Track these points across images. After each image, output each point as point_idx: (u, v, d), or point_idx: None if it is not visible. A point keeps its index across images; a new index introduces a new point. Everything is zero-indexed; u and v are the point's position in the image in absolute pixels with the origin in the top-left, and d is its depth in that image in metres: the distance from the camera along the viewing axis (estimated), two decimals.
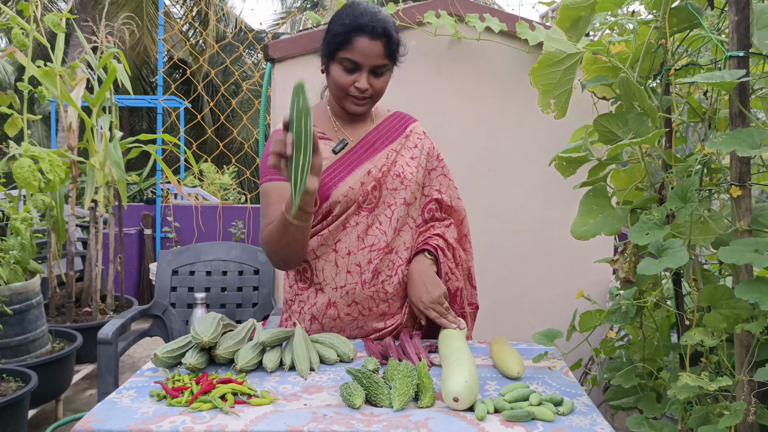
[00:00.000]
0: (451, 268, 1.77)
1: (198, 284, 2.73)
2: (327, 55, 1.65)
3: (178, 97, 6.89)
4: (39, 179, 2.99)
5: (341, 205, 1.66)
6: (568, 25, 1.44)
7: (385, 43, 1.60)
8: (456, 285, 1.78)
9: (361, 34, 1.57)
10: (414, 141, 1.81)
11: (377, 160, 1.72)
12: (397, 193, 1.72)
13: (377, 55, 1.60)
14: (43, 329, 3.11)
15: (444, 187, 1.84)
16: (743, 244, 1.06)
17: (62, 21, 3.55)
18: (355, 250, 1.67)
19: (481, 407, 1.19)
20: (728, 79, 1.02)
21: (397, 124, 1.82)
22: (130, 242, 5.88)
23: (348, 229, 1.67)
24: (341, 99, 1.68)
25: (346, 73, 1.62)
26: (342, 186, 1.66)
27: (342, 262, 1.67)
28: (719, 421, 1.08)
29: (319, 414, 1.18)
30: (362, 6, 1.62)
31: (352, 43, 1.58)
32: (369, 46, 1.58)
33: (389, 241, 1.69)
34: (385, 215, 1.70)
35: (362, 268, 1.67)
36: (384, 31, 1.59)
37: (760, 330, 1.07)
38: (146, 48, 12.45)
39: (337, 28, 1.60)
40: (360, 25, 1.57)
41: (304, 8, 16.86)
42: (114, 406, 1.20)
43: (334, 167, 1.68)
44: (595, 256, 2.68)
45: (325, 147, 1.69)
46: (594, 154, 1.41)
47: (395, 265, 1.71)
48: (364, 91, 1.64)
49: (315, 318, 1.71)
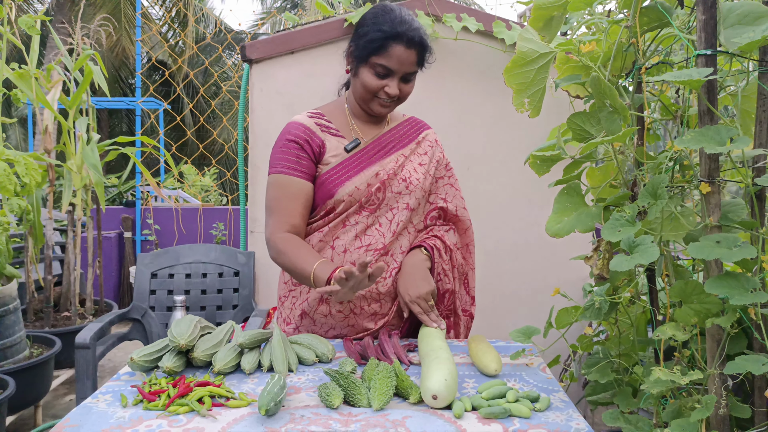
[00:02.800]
0: (445, 269, 1.77)
1: (177, 287, 2.71)
2: (358, 58, 1.65)
3: (157, 99, 6.84)
4: (14, 183, 2.95)
5: (344, 203, 1.67)
6: (541, 24, 1.45)
7: (418, 52, 1.63)
8: (447, 287, 1.78)
9: (398, 42, 1.59)
10: (425, 148, 1.82)
11: (386, 163, 1.72)
12: (401, 198, 1.73)
13: (411, 63, 1.63)
14: (21, 335, 3.07)
15: (450, 196, 1.85)
16: (712, 240, 1.07)
17: (37, 23, 3.51)
18: (352, 249, 1.68)
19: (458, 405, 1.19)
20: (696, 77, 1.04)
21: (411, 130, 1.83)
22: (109, 245, 5.83)
23: (347, 227, 1.69)
24: (368, 101, 1.69)
25: (377, 77, 1.64)
26: (348, 185, 1.67)
27: (337, 260, 1.68)
28: (692, 414, 1.09)
29: (296, 415, 1.18)
30: (398, 12, 1.63)
31: (389, 51, 1.59)
32: (405, 55, 1.61)
33: (387, 243, 1.70)
34: (386, 218, 1.71)
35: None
36: (420, 40, 1.62)
37: (730, 324, 1.08)
38: (125, 49, 12.33)
39: (374, 34, 1.60)
40: (398, 33, 1.58)
41: (284, 9, 16.80)
42: (89, 411, 1.19)
43: (342, 165, 1.69)
44: (574, 252, 2.69)
45: (337, 144, 1.71)
46: (567, 153, 1.43)
47: (390, 267, 1.71)
48: (392, 96, 1.66)
49: (306, 313, 1.72)
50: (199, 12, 13.35)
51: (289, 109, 2.96)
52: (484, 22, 2.83)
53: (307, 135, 1.69)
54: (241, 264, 2.78)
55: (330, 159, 1.69)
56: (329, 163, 1.69)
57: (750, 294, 1.02)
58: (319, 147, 1.69)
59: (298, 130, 1.69)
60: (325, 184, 1.68)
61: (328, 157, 1.69)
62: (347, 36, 2.90)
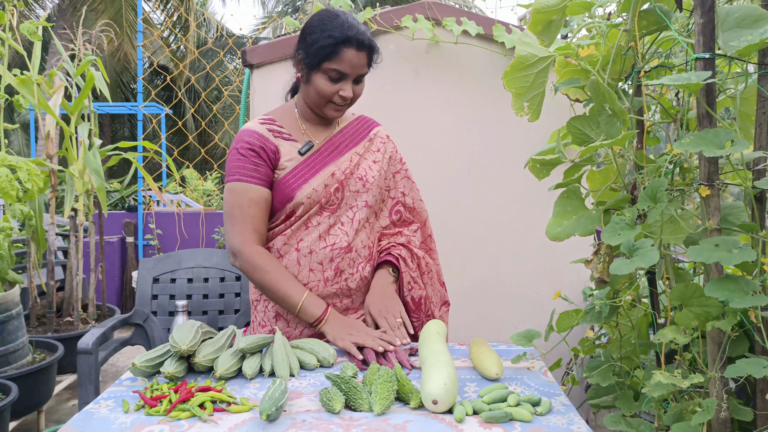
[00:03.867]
0: (414, 277, 1.81)
1: (179, 292, 2.71)
2: (309, 65, 1.67)
3: (159, 104, 6.86)
4: (17, 188, 2.96)
5: (304, 206, 1.70)
6: (540, 28, 1.45)
7: (368, 53, 1.68)
8: (419, 293, 1.82)
9: (349, 46, 1.63)
10: (377, 145, 1.86)
11: (341, 162, 1.76)
12: (359, 196, 1.77)
13: (362, 65, 1.68)
14: (24, 340, 3.07)
15: (407, 189, 1.90)
16: (712, 243, 1.07)
17: (38, 29, 3.52)
18: (317, 249, 1.71)
19: (459, 409, 1.19)
20: (694, 81, 1.04)
21: (361, 128, 1.87)
22: (112, 250, 5.83)
23: (310, 228, 1.72)
24: (321, 106, 1.72)
25: (331, 82, 1.67)
26: (306, 188, 1.70)
27: (304, 261, 1.71)
28: (693, 417, 1.09)
29: (298, 420, 1.18)
30: (344, 17, 1.67)
31: (341, 55, 1.63)
32: (357, 58, 1.65)
33: (350, 241, 1.74)
34: (347, 216, 1.75)
35: (324, 266, 1.71)
36: (369, 42, 1.67)
37: (731, 327, 1.08)
38: (126, 54, 12.36)
39: (324, 41, 1.63)
40: (349, 37, 1.62)
41: (285, 13, 16.83)
42: (91, 417, 1.20)
43: (298, 168, 1.72)
44: (575, 255, 2.70)
45: (291, 148, 1.74)
46: (567, 156, 1.43)
47: (356, 263, 1.76)
48: (347, 99, 1.70)
49: (280, 315, 1.75)
50: (201, 17, 13.39)
51: None
52: (484, 26, 2.83)
53: (261, 141, 1.71)
54: None
55: (285, 163, 1.72)
56: (285, 167, 1.72)
57: (750, 297, 1.02)
58: (273, 152, 1.72)
59: (251, 137, 1.72)
60: (283, 188, 1.70)
61: (283, 161, 1.72)
62: None
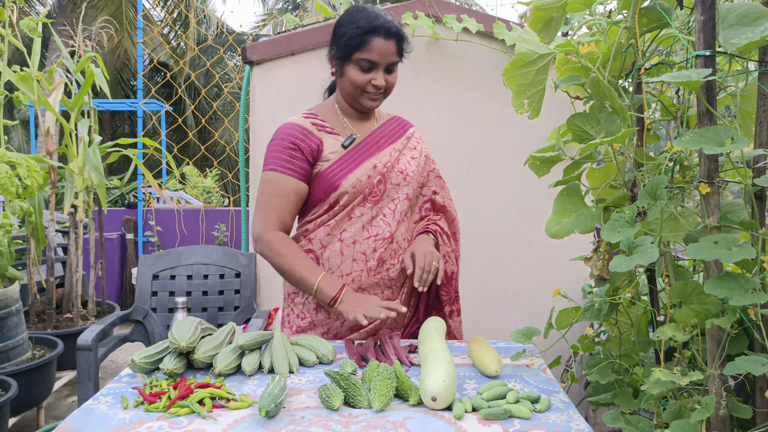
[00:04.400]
0: (448, 252, 1.87)
1: (179, 288, 2.71)
2: (341, 58, 1.74)
3: (159, 101, 6.85)
4: (16, 185, 2.96)
5: (348, 195, 1.74)
6: (541, 25, 1.45)
7: (397, 41, 1.72)
8: (452, 269, 1.87)
9: (377, 35, 1.68)
10: (414, 143, 1.92)
11: (382, 156, 1.80)
12: (400, 189, 1.81)
13: (391, 53, 1.72)
14: (23, 336, 3.08)
15: (438, 188, 1.96)
16: (712, 241, 1.07)
17: (38, 25, 3.51)
18: (361, 240, 1.75)
19: (458, 406, 1.20)
20: (695, 78, 1.04)
21: (398, 127, 1.92)
22: (111, 247, 5.83)
23: (353, 219, 1.75)
24: (356, 97, 1.77)
25: (362, 72, 1.72)
26: (350, 177, 1.74)
27: (347, 251, 1.75)
28: (692, 415, 1.09)
29: (297, 416, 1.18)
30: (371, 9, 1.75)
31: (369, 44, 1.68)
32: (385, 45, 1.69)
33: (393, 232, 1.78)
34: (389, 208, 1.79)
35: (367, 257, 1.75)
36: (397, 30, 1.72)
37: (730, 325, 1.08)
38: (126, 51, 12.34)
39: (352, 31, 1.69)
40: (375, 26, 1.68)
41: (285, 10, 16.81)
42: (90, 413, 1.20)
43: (342, 160, 1.76)
44: (575, 253, 2.70)
45: (334, 141, 1.79)
46: (567, 154, 1.43)
47: (397, 254, 1.80)
48: (380, 88, 1.74)
49: (320, 306, 1.78)
50: (201, 14, 13.37)
51: (290, 111, 2.94)
52: (484, 23, 2.83)
53: (303, 134, 1.76)
54: (243, 265, 2.79)
55: (329, 155, 1.76)
56: (329, 159, 1.76)
57: (750, 294, 1.02)
58: (317, 145, 1.76)
59: (294, 130, 1.76)
60: (328, 178, 1.74)
61: (326, 153, 1.76)
62: None
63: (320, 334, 1.78)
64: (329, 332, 1.78)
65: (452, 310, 1.89)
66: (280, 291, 2.98)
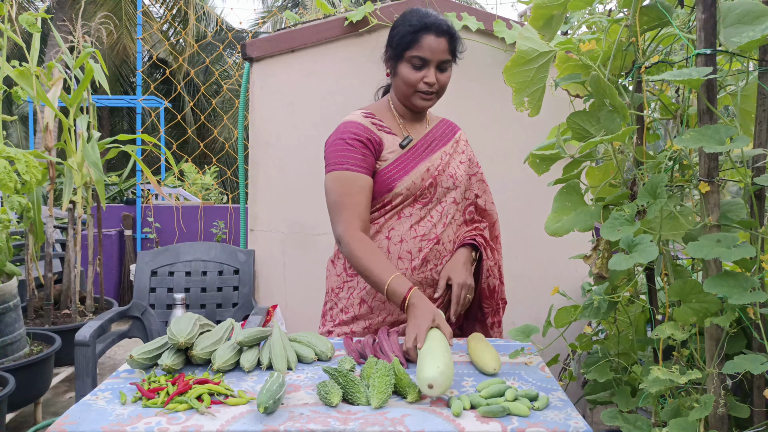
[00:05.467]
0: (491, 267, 1.89)
1: (177, 285, 2.71)
2: (394, 57, 1.78)
3: (158, 97, 6.84)
4: (15, 180, 2.95)
5: (402, 196, 1.78)
6: (541, 23, 1.45)
7: (448, 40, 1.75)
8: (494, 283, 1.90)
9: (427, 32, 1.72)
10: (462, 147, 1.96)
11: (434, 159, 1.84)
12: (449, 192, 1.86)
13: (443, 51, 1.74)
14: (21, 332, 3.07)
15: (481, 191, 1.99)
16: (711, 239, 1.07)
17: (38, 21, 3.50)
18: (407, 239, 1.79)
19: (457, 403, 1.19)
20: (695, 76, 1.04)
21: (447, 130, 1.96)
22: (110, 243, 5.83)
23: (402, 219, 1.80)
24: (410, 96, 1.79)
25: (414, 70, 1.75)
26: (406, 179, 1.78)
27: (394, 249, 1.79)
28: (690, 413, 1.09)
29: (295, 413, 1.18)
30: (424, 9, 1.79)
31: (420, 42, 1.72)
32: (435, 43, 1.72)
33: (438, 234, 1.81)
34: (437, 210, 1.83)
35: (413, 255, 1.78)
36: (448, 28, 1.74)
37: (729, 323, 1.08)
38: (125, 47, 12.31)
39: (404, 29, 1.74)
40: (426, 24, 1.71)
41: (285, 7, 16.78)
42: (89, 408, 1.20)
43: (399, 161, 1.81)
44: (574, 251, 2.70)
45: (392, 141, 1.82)
46: (567, 152, 1.43)
47: (441, 255, 1.83)
48: (432, 86, 1.76)
49: (364, 301, 1.81)
50: (200, 10, 13.35)
51: (289, 108, 2.96)
52: (484, 21, 2.83)
53: (367, 133, 1.79)
54: (241, 262, 2.79)
55: (387, 155, 1.80)
56: (387, 159, 1.80)
57: (749, 293, 1.02)
58: (378, 144, 1.80)
59: (358, 128, 1.79)
60: (384, 178, 1.78)
61: (385, 153, 1.80)
62: (348, 35, 2.90)
63: (362, 328, 1.81)
64: (370, 327, 1.81)
65: (494, 322, 1.92)
66: (278, 288, 3.00)
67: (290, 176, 3.00)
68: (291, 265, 2.89)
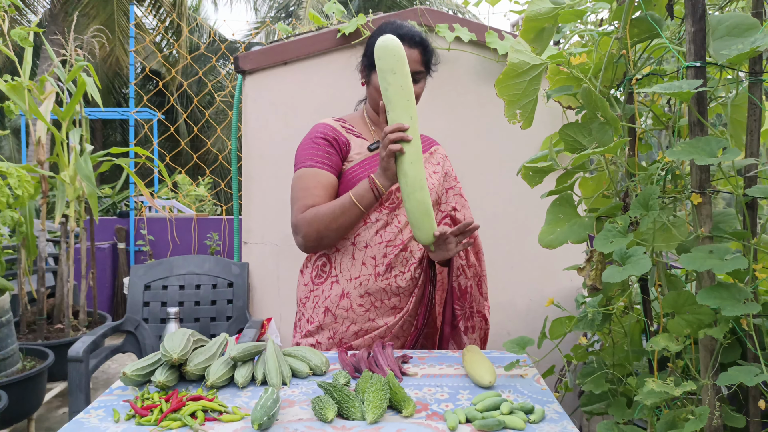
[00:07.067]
0: (462, 265, 1.88)
1: (171, 299, 2.70)
2: (368, 66, 1.82)
3: (151, 109, 6.84)
4: (7, 195, 2.94)
5: None
6: (533, 36, 1.46)
7: (421, 51, 1.79)
8: (466, 282, 1.88)
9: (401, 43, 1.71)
10: (437, 159, 1.96)
11: None
12: None
13: (415, 62, 1.77)
14: (14, 347, 3.05)
15: (459, 206, 1.98)
16: (704, 251, 1.07)
17: (30, 35, 3.50)
18: (372, 244, 1.79)
19: (452, 417, 1.19)
20: (686, 89, 1.04)
21: (423, 142, 1.95)
22: (103, 256, 5.80)
23: (368, 224, 1.80)
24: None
25: None
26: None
27: (359, 255, 1.79)
28: (685, 425, 1.09)
29: (290, 428, 1.17)
30: (399, 21, 1.83)
31: None
32: (409, 53, 1.75)
33: (405, 240, 1.81)
34: (404, 215, 1.82)
35: (377, 261, 1.78)
36: (421, 40, 1.79)
37: (723, 335, 1.08)
38: (118, 60, 12.31)
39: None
40: (400, 35, 1.74)
41: (278, 18, 16.83)
42: (81, 427, 1.19)
43: (366, 162, 1.81)
44: (568, 262, 2.70)
45: (360, 143, 1.85)
46: (559, 163, 1.43)
47: (408, 262, 1.82)
48: None
49: (329, 310, 1.80)
50: (193, 22, 13.37)
51: (282, 120, 2.96)
52: (476, 32, 2.84)
53: (334, 133, 1.82)
54: (235, 275, 2.78)
55: (354, 156, 1.82)
56: (353, 160, 1.82)
57: (742, 304, 1.02)
58: (345, 144, 1.82)
59: (326, 128, 1.83)
60: (350, 178, 1.79)
61: (352, 154, 1.82)
62: (340, 47, 2.91)
63: (327, 338, 1.80)
64: (335, 336, 1.79)
65: (467, 326, 1.89)
66: (273, 301, 2.98)
67: (284, 189, 2.99)
68: (285, 278, 2.88)
